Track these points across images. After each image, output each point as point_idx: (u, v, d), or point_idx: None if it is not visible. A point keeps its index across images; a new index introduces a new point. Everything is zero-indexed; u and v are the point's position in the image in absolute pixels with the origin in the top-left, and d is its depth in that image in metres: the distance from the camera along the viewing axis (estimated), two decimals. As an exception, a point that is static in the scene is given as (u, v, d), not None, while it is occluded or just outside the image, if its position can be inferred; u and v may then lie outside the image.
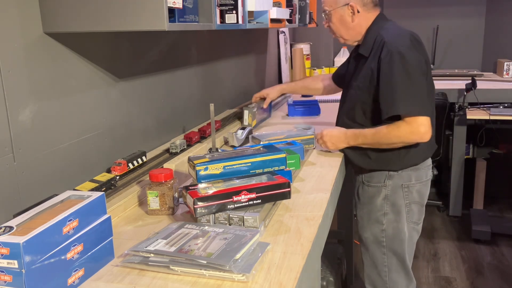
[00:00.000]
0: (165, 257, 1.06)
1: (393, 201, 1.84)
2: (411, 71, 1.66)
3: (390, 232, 1.85)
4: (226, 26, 1.75)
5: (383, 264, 1.89)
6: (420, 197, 1.87)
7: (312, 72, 4.20)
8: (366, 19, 1.84)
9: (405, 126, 1.67)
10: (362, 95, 1.80)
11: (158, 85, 1.96)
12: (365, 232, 1.92)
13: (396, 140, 1.70)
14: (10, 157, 1.23)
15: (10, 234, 0.91)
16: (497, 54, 4.27)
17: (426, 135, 1.67)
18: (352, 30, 1.86)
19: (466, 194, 3.75)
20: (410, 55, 1.67)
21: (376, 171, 1.85)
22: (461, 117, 3.49)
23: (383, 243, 1.87)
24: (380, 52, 1.71)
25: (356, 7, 1.82)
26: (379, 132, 1.72)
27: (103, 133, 1.61)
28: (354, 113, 1.84)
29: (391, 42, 1.70)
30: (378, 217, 1.86)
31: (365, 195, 1.91)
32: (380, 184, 1.85)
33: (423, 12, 4.38)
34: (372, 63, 1.75)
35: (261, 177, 1.39)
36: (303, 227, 1.28)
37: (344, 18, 1.85)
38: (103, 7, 1.24)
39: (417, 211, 1.87)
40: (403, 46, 1.68)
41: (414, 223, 1.88)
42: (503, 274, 2.99)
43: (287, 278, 1.03)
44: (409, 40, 1.71)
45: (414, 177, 1.83)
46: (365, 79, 1.77)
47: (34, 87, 1.30)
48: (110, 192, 1.45)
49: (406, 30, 1.77)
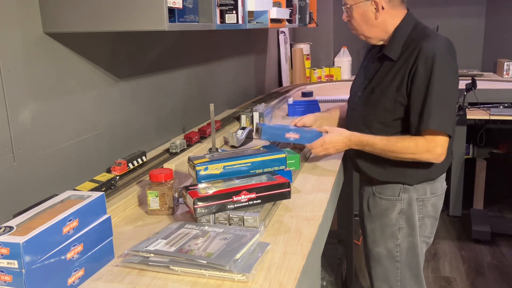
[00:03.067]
0: (165, 257, 1.06)
1: (409, 215, 1.73)
2: (448, 83, 1.54)
3: (404, 246, 1.75)
4: (226, 26, 1.75)
5: (395, 278, 1.80)
6: (435, 211, 1.77)
7: (312, 72, 4.20)
8: (392, 16, 1.66)
9: (423, 143, 1.56)
10: (386, 102, 1.64)
11: (158, 85, 1.96)
12: (377, 247, 1.80)
13: (409, 155, 1.59)
14: (10, 157, 1.23)
15: (10, 234, 0.91)
16: (497, 54, 4.27)
17: (441, 157, 1.57)
18: (376, 28, 1.68)
19: (466, 194, 3.75)
20: (449, 65, 1.55)
21: (390, 183, 1.74)
22: (461, 117, 3.49)
23: (397, 258, 1.77)
24: (416, 58, 1.56)
25: (380, 3, 1.63)
26: (392, 144, 1.60)
27: (103, 133, 1.61)
28: (372, 119, 1.69)
29: (429, 48, 1.55)
30: (393, 232, 1.75)
31: (377, 207, 1.78)
32: (395, 197, 1.73)
33: (423, 12, 4.37)
34: (402, 70, 1.60)
35: (261, 177, 1.39)
36: (303, 227, 1.28)
37: (366, 14, 1.66)
38: (103, 7, 1.24)
39: (430, 225, 1.78)
40: (443, 54, 1.54)
41: (426, 237, 1.78)
42: (503, 274, 2.99)
43: (287, 278, 1.03)
44: (447, 47, 1.58)
45: (429, 190, 1.73)
46: (392, 86, 1.62)
47: (34, 87, 1.30)
48: (110, 192, 1.45)
49: (441, 36, 1.63)
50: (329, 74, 4.23)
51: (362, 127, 1.71)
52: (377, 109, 1.68)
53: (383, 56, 1.68)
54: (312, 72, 4.21)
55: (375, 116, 1.68)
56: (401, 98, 1.60)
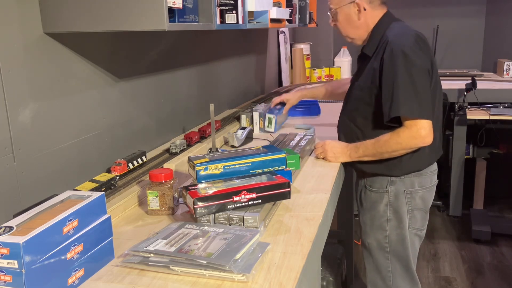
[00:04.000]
0: (165, 257, 1.06)
1: (396, 207, 1.79)
2: (414, 72, 1.61)
3: (393, 238, 1.81)
4: (226, 26, 1.75)
5: (387, 269, 1.85)
6: (424, 203, 1.82)
7: (312, 72, 4.20)
8: (372, 17, 1.77)
9: (405, 131, 1.62)
10: (364, 96, 1.75)
11: (158, 85, 1.96)
12: (368, 238, 1.87)
13: (397, 146, 1.65)
14: (10, 157, 1.23)
15: (10, 234, 0.91)
16: (497, 54, 4.27)
17: (428, 138, 1.62)
18: (359, 29, 1.79)
19: (466, 194, 3.75)
20: (414, 55, 1.62)
21: (379, 175, 1.80)
22: (461, 117, 3.49)
23: (387, 249, 1.83)
24: (383, 51, 1.66)
25: (362, 5, 1.75)
26: (379, 140, 1.68)
27: (103, 133, 1.61)
28: (356, 114, 1.80)
29: (395, 42, 1.65)
30: (382, 223, 1.82)
31: (368, 200, 1.86)
32: (382, 189, 1.80)
33: (423, 12, 4.38)
34: (374, 63, 1.71)
35: (261, 177, 1.39)
36: (303, 227, 1.28)
37: (350, 16, 1.78)
38: (103, 7, 1.24)
39: (420, 218, 1.82)
40: (407, 46, 1.63)
41: (417, 229, 1.83)
42: (503, 274, 2.99)
43: (287, 278, 1.03)
44: (414, 39, 1.65)
45: (417, 183, 1.78)
46: (367, 79, 1.73)
47: (34, 87, 1.30)
48: (110, 192, 1.45)
49: (411, 30, 1.71)
50: (329, 74, 4.24)
51: (349, 122, 1.84)
52: (358, 103, 1.78)
53: (363, 54, 1.81)
54: (312, 72, 4.21)
55: (358, 110, 1.79)
56: (376, 91, 1.69)
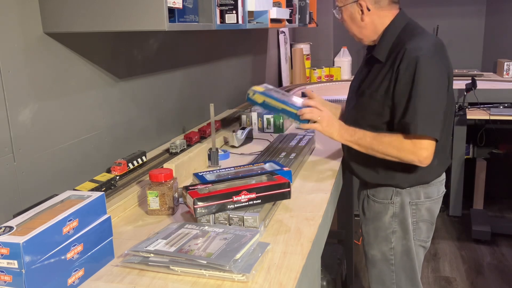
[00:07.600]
0: (165, 257, 1.06)
1: (401, 218, 1.71)
2: (432, 85, 1.50)
3: (399, 249, 1.73)
4: (226, 26, 1.75)
5: (391, 281, 1.78)
6: (430, 215, 1.73)
7: (312, 72, 4.20)
8: (380, 17, 1.65)
9: (408, 143, 1.53)
10: (376, 106, 1.62)
11: (158, 85, 1.96)
12: (372, 249, 1.79)
13: (394, 153, 1.56)
14: (10, 157, 1.23)
15: (10, 234, 0.91)
16: (497, 54, 4.27)
17: (426, 161, 1.53)
18: (365, 28, 1.67)
19: (466, 194, 3.75)
20: (433, 66, 1.51)
21: (383, 186, 1.72)
22: (461, 117, 3.49)
23: (392, 261, 1.75)
24: (400, 61, 1.54)
25: (365, 5, 1.63)
26: (380, 137, 1.58)
27: (103, 133, 1.61)
28: (362, 123, 1.65)
29: (413, 51, 1.52)
30: (387, 235, 1.74)
31: (371, 210, 1.77)
32: (387, 200, 1.71)
33: (423, 12, 4.38)
34: (389, 72, 1.58)
35: (261, 177, 1.39)
36: (303, 227, 1.28)
37: (354, 15, 1.67)
38: (103, 7, 1.24)
39: (425, 229, 1.74)
40: (426, 56, 1.50)
41: (422, 241, 1.75)
42: (503, 274, 2.99)
43: (287, 278, 1.03)
44: (434, 49, 1.54)
45: (423, 194, 1.70)
46: (381, 89, 1.60)
47: (34, 87, 1.31)
48: (110, 192, 1.45)
49: (431, 37, 1.60)
50: (329, 74, 4.24)
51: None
52: (367, 112, 1.66)
53: (372, 58, 1.67)
54: (312, 72, 4.21)
55: (365, 119, 1.66)
56: (389, 102, 1.58)
